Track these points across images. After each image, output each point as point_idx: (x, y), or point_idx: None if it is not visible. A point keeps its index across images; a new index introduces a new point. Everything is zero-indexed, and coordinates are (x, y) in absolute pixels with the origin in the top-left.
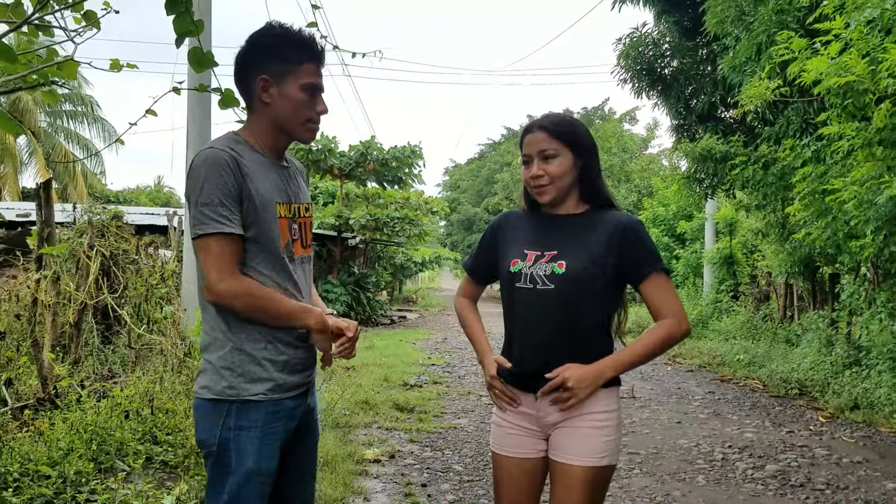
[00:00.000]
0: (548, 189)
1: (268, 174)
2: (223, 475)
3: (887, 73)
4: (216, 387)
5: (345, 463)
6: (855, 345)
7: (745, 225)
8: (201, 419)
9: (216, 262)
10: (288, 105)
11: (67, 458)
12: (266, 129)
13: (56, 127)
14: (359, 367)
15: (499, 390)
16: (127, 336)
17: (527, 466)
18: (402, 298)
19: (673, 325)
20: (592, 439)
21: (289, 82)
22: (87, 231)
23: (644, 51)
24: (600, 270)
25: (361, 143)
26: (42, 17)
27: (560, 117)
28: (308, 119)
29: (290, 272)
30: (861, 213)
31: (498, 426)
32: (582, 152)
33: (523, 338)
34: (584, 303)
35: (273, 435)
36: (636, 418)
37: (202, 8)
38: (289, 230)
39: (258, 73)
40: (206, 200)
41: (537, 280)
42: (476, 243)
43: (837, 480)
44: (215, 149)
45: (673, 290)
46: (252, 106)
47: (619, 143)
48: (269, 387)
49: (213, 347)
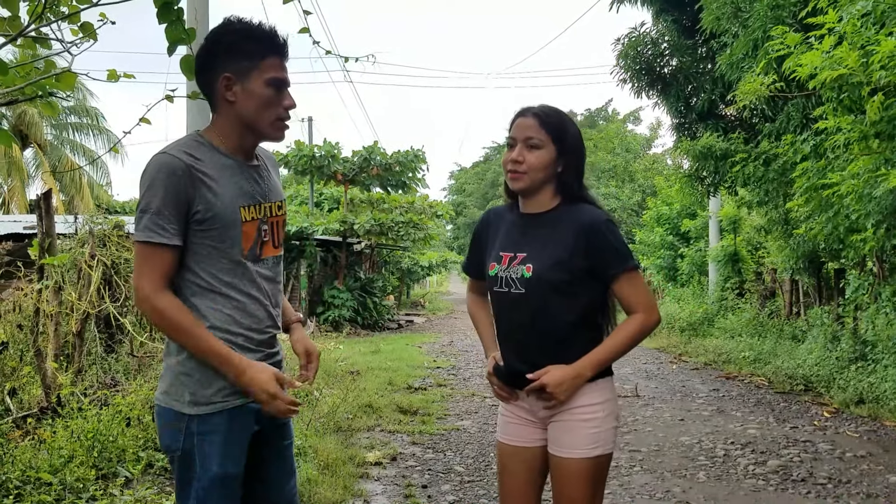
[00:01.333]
0: (521, 178)
1: (231, 177)
2: (189, 481)
3: (879, 65)
4: (176, 394)
5: (345, 466)
6: (861, 339)
7: (749, 222)
8: (164, 426)
9: (141, 269)
10: (253, 102)
11: (68, 466)
12: (232, 129)
13: (62, 139)
14: (363, 371)
15: (497, 386)
16: (129, 344)
17: (526, 455)
18: (410, 303)
19: (644, 318)
20: (581, 432)
21: (252, 78)
22: (89, 241)
23: (643, 50)
24: (566, 272)
25: (364, 149)
26: (39, 30)
27: (554, 110)
28: (277, 117)
29: (253, 277)
30: (861, 206)
31: (502, 416)
32: (565, 150)
33: (505, 339)
34: (553, 305)
35: (236, 439)
36: (639, 416)
37: (199, 17)
38: (257, 232)
39: (220, 71)
40: (144, 207)
41: (511, 284)
42: (469, 243)
43: (840, 475)
44: (168, 154)
45: (642, 283)
46: (215, 105)
47: (622, 143)
48: (228, 392)
49: (171, 352)
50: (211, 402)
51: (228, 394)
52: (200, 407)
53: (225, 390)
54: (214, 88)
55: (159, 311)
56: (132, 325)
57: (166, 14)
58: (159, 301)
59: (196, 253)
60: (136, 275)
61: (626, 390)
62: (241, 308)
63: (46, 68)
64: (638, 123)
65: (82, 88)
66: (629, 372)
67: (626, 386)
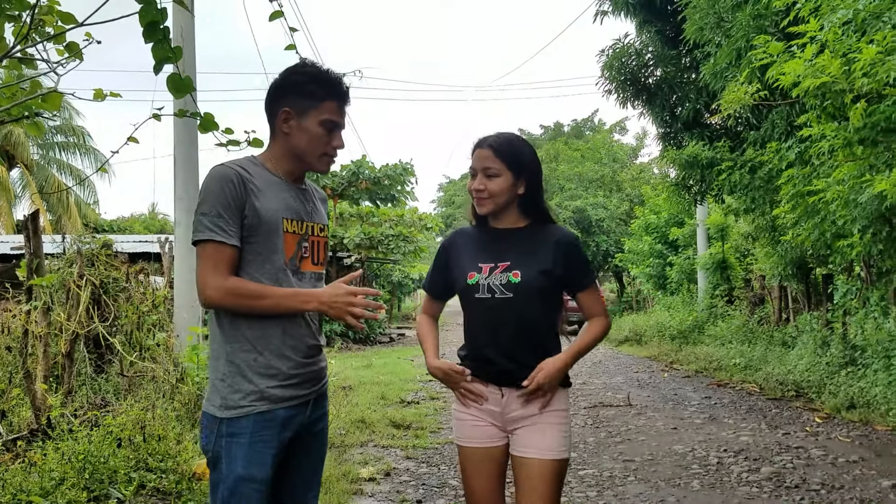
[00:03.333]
0: (486, 203)
1: (278, 192)
2: (216, 482)
3: (861, 72)
4: (212, 399)
5: (339, 482)
6: (850, 344)
7: (736, 229)
8: (203, 428)
9: (206, 265)
10: (305, 137)
11: (60, 488)
12: (283, 156)
13: (49, 159)
14: (355, 385)
15: (465, 389)
16: (119, 364)
17: (494, 454)
18: (402, 316)
19: (605, 321)
20: (555, 435)
21: (310, 117)
22: (77, 260)
23: (627, 61)
24: (548, 279)
25: (353, 163)
26: (24, 50)
27: (507, 139)
28: (324, 153)
29: (295, 285)
30: (847, 212)
31: (461, 420)
32: (522, 174)
33: (488, 341)
34: (539, 307)
35: (263, 443)
36: (632, 426)
37: (185, 35)
38: (297, 246)
39: (282, 104)
40: (205, 210)
41: (495, 290)
42: (431, 264)
43: (833, 480)
44: (224, 166)
45: (600, 294)
46: (274, 134)
47: (609, 153)
48: (255, 398)
49: (213, 359)
50: (239, 406)
51: (255, 399)
52: (229, 410)
53: (252, 395)
54: (275, 119)
55: (233, 288)
56: (121, 344)
57: (152, 33)
58: (229, 283)
59: (243, 259)
60: (202, 271)
61: (618, 399)
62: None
63: (32, 89)
64: (624, 133)
65: (68, 108)
66: (621, 381)
67: (619, 395)
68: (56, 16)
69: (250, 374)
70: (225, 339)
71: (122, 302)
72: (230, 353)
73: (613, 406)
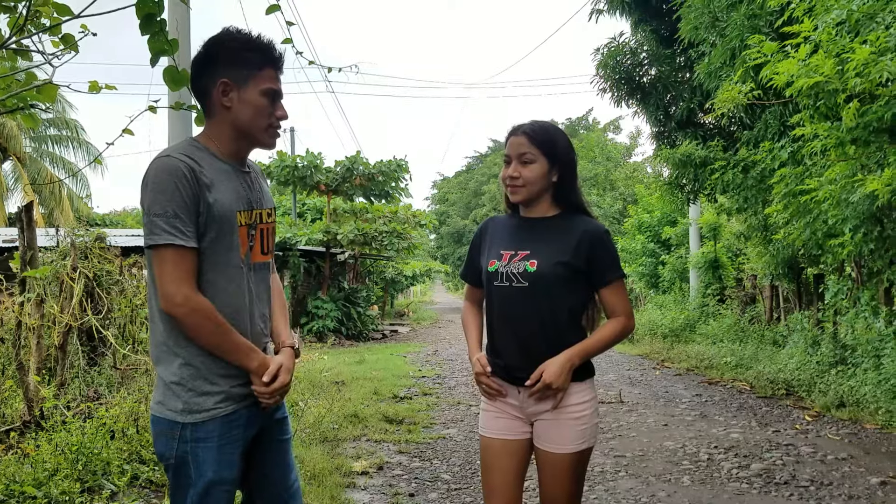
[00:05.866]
0: (520, 190)
1: (229, 182)
2: (184, 487)
3: (854, 72)
4: (169, 403)
5: (332, 476)
6: (840, 344)
7: (729, 229)
8: (159, 434)
9: (172, 273)
10: (249, 109)
11: (53, 479)
12: (227, 135)
13: (41, 152)
14: (349, 381)
15: (486, 385)
16: (112, 357)
17: (513, 448)
18: (394, 312)
19: (626, 322)
20: (571, 430)
21: (249, 87)
22: (70, 253)
23: (622, 60)
24: (568, 271)
25: (347, 159)
26: (20, 42)
27: (543, 126)
28: (269, 124)
29: (247, 282)
30: (838, 212)
31: (486, 411)
32: (557, 162)
33: (503, 332)
34: (555, 298)
35: (231, 444)
36: (623, 422)
37: (180, 28)
38: (248, 237)
39: (218, 76)
40: (160, 211)
41: (513, 278)
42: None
43: (822, 477)
44: (172, 157)
45: (626, 293)
46: (211, 111)
47: (603, 152)
48: (220, 399)
49: (164, 361)
50: (204, 410)
51: (221, 400)
52: (194, 415)
53: (217, 397)
54: (211, 93)
55: (202, 311)
56: (115, 337)
57: (148, 25)
58: (200, 303)
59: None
60: (166, 280)
61: (609, 396)
62: (234, 312)
63: (27, 80)
64: (618, 132)
65: (62, 101)
66: (613, 378)
67: (610, 392)
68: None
69: (212, 377)
70: (178, 342)
71: (116, 295)
72: (187, 356)
73: (605, 403)
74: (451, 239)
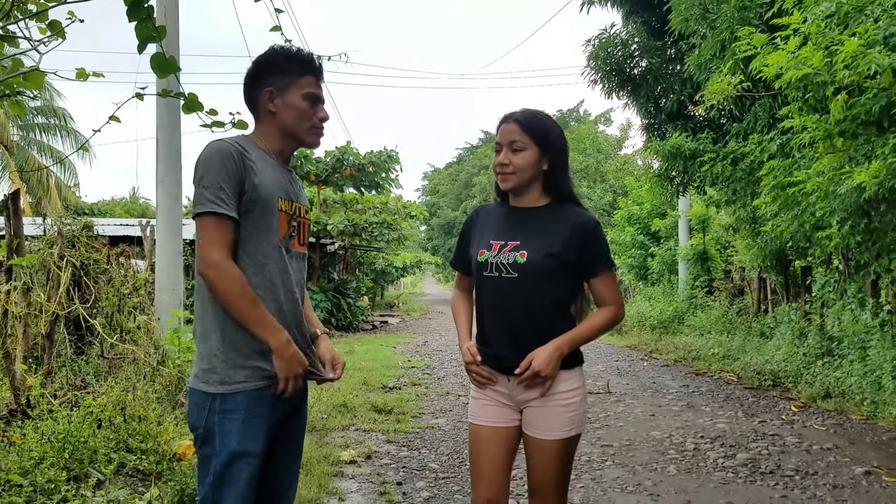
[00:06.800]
0: (510, 178)
1: (273, 171)
2: (209, 457)
3: (843, 64)
4: (204, 376)
5: (320, 465)
6: (827, 335)
7: (717, 221)
8: (192, 405)
9: (210, 238)
10: (291, 112)
11: (39, 467)
12: (274, 135)
13: (29, 140)
14: None
15: (476, 373)
16: (100, 346)
17: (502, 434)
18: (385, 304)
19: (615, 311)
20: (560, 417)
21: (291, 92)
22: (57, 241)
23: (613, 51)
24: (558, 262)
25: (337, 149)
26: (6, 27)
27: (534, 114)
28: (312, 125)
29: (286, 263)
30: (826, 204)
31: (475, 399)
32: (549, 150)
33: (492, 322)
34: (545, 289)
35: (257, 418)
36: (610, 412)
37: (168, 15)
38: (288, 225)
39: (264, 86)
40: (207, 184)
41: (502, 269)
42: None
43: (807, 467)
44: (223, 141)
45: (616, 282)
46: (259, 116)
47: (594, 144)
48: (250, 374)
49: (203, 335)
50: (235, 382)
51: (250, 376)
52: (225, 386)
53: (247, 371)
54: (258, 101)
55: (233, 277)
56: (102, 326)
57: (136, 12)
58: (232, 269)
59: (240, 235)
60: (204, 244)
61: (598, 387)
62: (269, 289)
63: (14, 67)
64: (609, 125)
65: (50, 89)
66: (601, 369)
67: (598, 382)
68: None
69: (247, 351)
70: (217, 315)
71: (103, 284)
72: (224, 329)
73: (593, 393)
74: (442, 230)
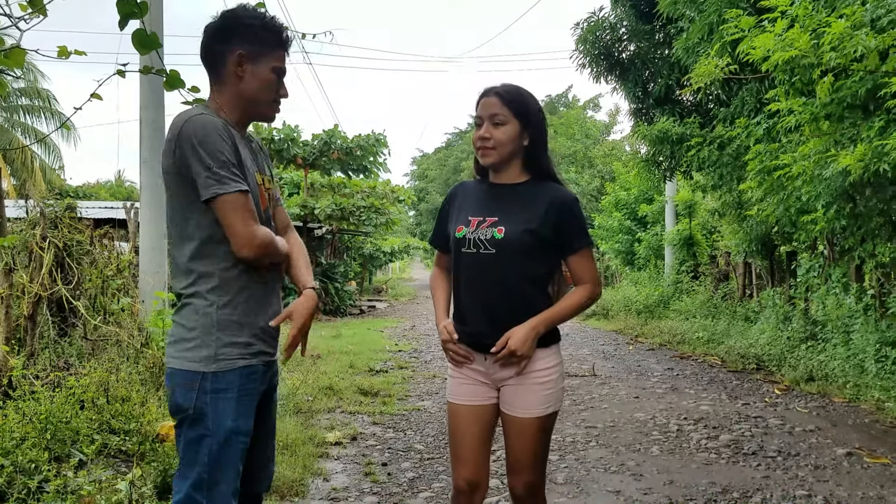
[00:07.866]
0: (490, 153)
1: (240, 143)
2: (201, 437)
3: (829, 46)
4: (190, 355)
5: (305, 446)
6: (811, 320)
7: (704, 206)
8: (177, 386)
9: (241, 217)
10: (256, 83)
11: (20, 448)
12: (232, 104)
13: (13, 122)
14: (324, 355)
15: (452, 351)
16: (83, 328)
17: (480, 413)
18: (373, 289)
19: (592, 289)
20: (537, 394)
21: (262, 63)
22: (40, 222)
23: (601, 35)
24: (535, 238)
25: (325, 132)
26: None
27: (515, 88)
28: (273, 99)
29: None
30: (811, 188)
31: (453, 378)
32: (529, 125)
33: (469, 299)
34: (522, 266)
35: (248, 396)
36: (595, 394)
37: None
38: (268, 197)
39: (235, 47)
40: (221, 163)
41: (480, 245)
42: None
43: (789, 448)
44: (206, 115)
45: (593, 260)
46: (220, 78)
47: (582, 129)
48: (241, 351)
49: (188, 314)
50: (228, 359)
51: (241, 353)
52: (218, 363)
53: (237, 348)
54: (226, 61)
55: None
56: (85, 308)
57: None
58: (269, 234)
59: None
60: (241, 224)
61: (583, 370)
62: None
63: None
64: (597, 110)
65: (33, 70)
66: (587, 353)
67: (584, 366)
68: None
69: (236, 328)
70: (208, 294)
71: (87, 266)
72: (216, 307)
73: (578, 376)
74: (430, 215)
